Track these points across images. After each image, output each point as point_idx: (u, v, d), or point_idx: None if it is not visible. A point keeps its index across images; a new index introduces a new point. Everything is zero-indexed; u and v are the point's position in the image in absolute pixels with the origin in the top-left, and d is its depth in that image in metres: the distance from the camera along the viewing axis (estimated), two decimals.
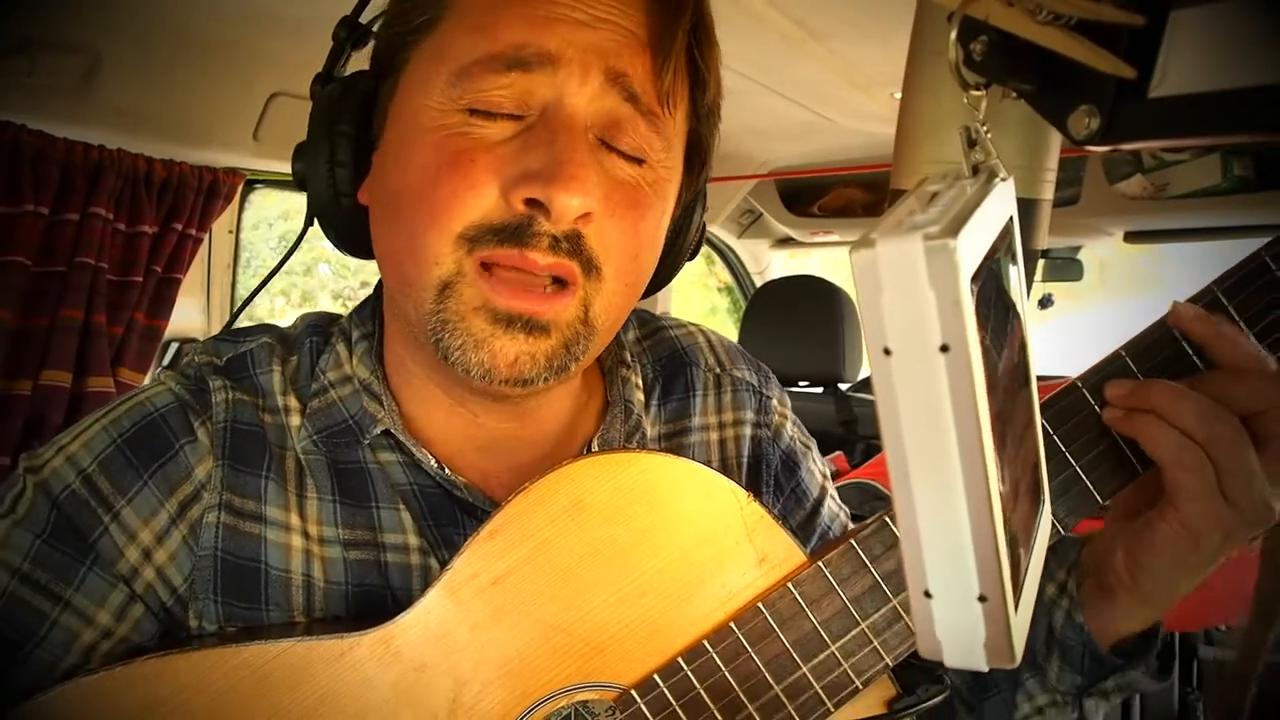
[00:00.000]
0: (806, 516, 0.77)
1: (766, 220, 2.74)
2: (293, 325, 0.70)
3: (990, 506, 0.27)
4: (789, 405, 0.80)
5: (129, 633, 0.58)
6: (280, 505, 0.61)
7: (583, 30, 0.56)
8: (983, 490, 0.27)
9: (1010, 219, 0.36)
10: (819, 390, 2.40)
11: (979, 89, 0.40)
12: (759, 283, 2.93)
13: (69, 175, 1.42)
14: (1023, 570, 0.36)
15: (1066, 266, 2.45)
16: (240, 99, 1.55)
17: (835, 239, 2.71)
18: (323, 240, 0.67)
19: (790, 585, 0.59)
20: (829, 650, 0.59)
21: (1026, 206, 0.55)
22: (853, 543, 0.59)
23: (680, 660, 0.58)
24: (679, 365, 0.76)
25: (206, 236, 1.72)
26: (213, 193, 1.64)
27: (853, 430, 2.31)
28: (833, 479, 0.83)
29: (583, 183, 0.54)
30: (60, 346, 1.46)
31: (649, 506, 0.58)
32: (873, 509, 0.70)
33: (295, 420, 0.64)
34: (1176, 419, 0.53)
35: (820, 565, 0.59)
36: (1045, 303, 2.45)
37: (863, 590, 0.59)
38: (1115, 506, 0.59)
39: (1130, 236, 2.27)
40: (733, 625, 0.59)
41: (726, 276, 3.08)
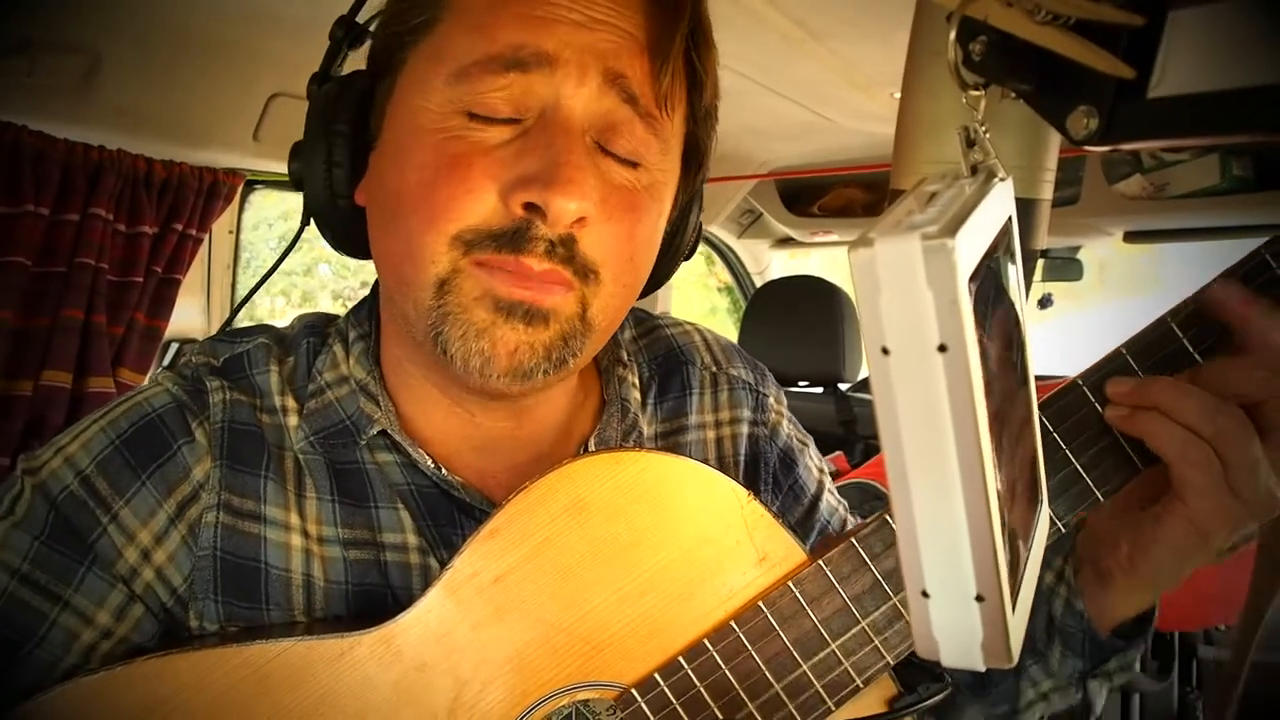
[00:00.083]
0: (805, 512, 0.77)
1: (766, 220, 2.74)
2: (289, 326, 0.70)
3: (988, 506, 0.27)
4: (785, 402, 0.80)
5: (129, 633, 0.58)
6: (279, 505, 0.61)
7: (580, 31, 0.56)
8: (980, 490, 0.27)
9: (1009, 219, 0.36)
10: (819, 390, 2.40)
11: (978, 89, 0.40)
12: (759, 283, 2.93)
13: (69, 176, 1.42)
14: (1020, 570, 0.36)
15: (1066, 266, 2.45)
16: (240, 99, 1.55)
17: (835, 239, 2.71)
18: (322, 240, 0.67)
19: (790, 584, 0.59)
20: (829, 649, 0.59)
21: (1025, 206, 0.55)
22: (853, 541, 0.59)
23: (681, 659, 0.58)
24: (675, 364, 0.76)
25: (206, 237, 1.72)
26: (213, 193, 1.64)
27: (852, 430, 2.31)
28: (832, 479, 0.83)
29: (579, 186, 0.54)
30: (61, 347, 1.46)
31: (649, 505, 0.59)
32: (873, 509, 0.69)
33: (293, 420, 0.64)
34: (1181, 415, 0.53)
35: (820, 564, 0.59)
36: (1045, 303, 2.44)
37: (863, 588, 0.59)
38: (1117, 498, 0.59)
39: (1130, 236, 2.27)
40: (733, 624, 0.59)
41: (726, 276, 3.08)
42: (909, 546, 0.28)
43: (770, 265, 3.03)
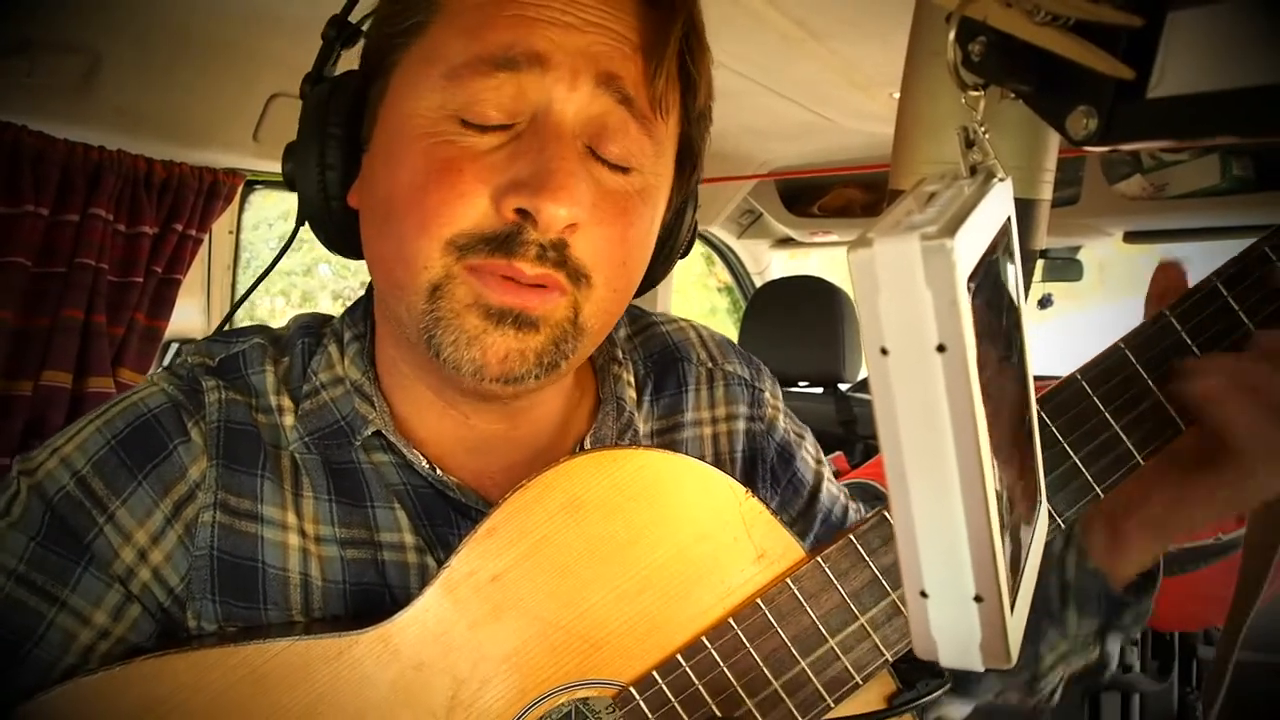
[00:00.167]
0: (806, 504, 0.77)
1: (766, 220, 2.74)
2: (285, 326, 0.70)
3: (987, 506, 0.27)
4: (780, 396, 0.80)
5: (126, 633, 0.58)
6: (276, 504, 0.61)
7: (572, 34, 0.55)
8: (979, 490, 0.27)
9: (1008, 219, 0.36)
10: (819, 390, 2.40)
11: (977, 89, 0.40)
12: (759, 283, 2.93)
13: (69, 176, 1.42)
14: (1020, 570, 0.36)
15: (1066, 266, 2.45)
16: (240, 100, 1.55)
17: (835, 239, 2.71)
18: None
19: (789, 581, 0.59)
20: (828, 645, 0.59)
21: (1025, 207, 0.55)
22: (851, 538, 0.59)
23: (679, 657, 0.58)
24: (671, 361, 0.76)
25: (207, 237, 1.72)
26: (213, 193, 1.64)
27: (852, 430, 2.31)
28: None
29: (570, 192, 0.54)
30: (61, 347, 1.46)
31: (647, 503, 0.59)
32: (872, 509, 0.70)
33: (289, 420, 0.64)
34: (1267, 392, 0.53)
35: (819, 560, 0.59)
36: (1045, 303, 2.45)
37: (861, 585, 0.59)
38: (1152, 464, 0.59)
39: (1129, 237, 2.28)
40: (731, 621, 0.59)
41: (726, 276, 3.08)
42: (908, 546, 0.28)
43: (770, 265, 3.03)
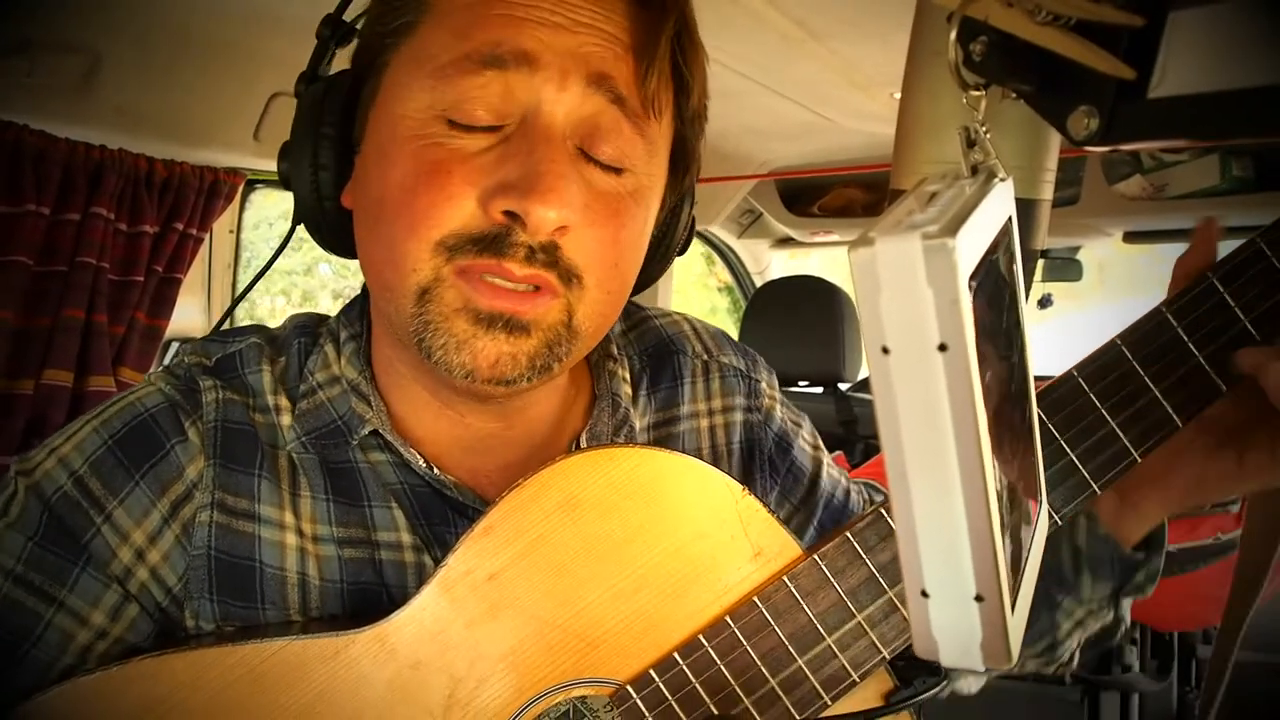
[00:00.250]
0: (806, 491, 0.77)
1: (766, 220, 2.74)
2: (281, 326, 0.70)
3: (988, 506, 0.27)
4: (777, 385, 0.80)
5: (124, 633, 0.58)
6: (274, 503, 0.61)
7: (562, 34, 0.55)
8: (980, 490, 0.27)
9: (1009, 219, 0.36)
10: (819, 390, 2.40)
11: (978, 89, 0.40)
12: (759, 283, 2.93)
13: (70, 175, 1.42)
14: (1020, 570, 0.36)
15: (1066, 266, 2.45)
16: (241, 99, 1.55)
17: (835, 239, 2.71)
18: None
19: (786, 579, 0.59)
20: (825, 643, 0.59)
21: (1026, 207, 0.55)
22: (848, 535, 0.59)
23: (676, 655, 0.58)
24: (666, 354, 0.76)
25: (207, 236, 1.72)
26: (214, 193, 1.64)
27: (853, 430, 2.31)
28: None
29: (560, 194, 0.53)
30: (62, 346, 1.46)
31: (643, 501, 0.59)
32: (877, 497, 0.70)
33: (286, 420, 0.63)
34: None
35: (816, 558, 0.59)
36: (1045, 303, 2.45)
37: (858, 582, 0.59)
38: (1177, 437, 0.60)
39: (1129, 237, 2.28)
40: (728, 619, 0.59)
41: (726, 276, 3.08)
42: (908, 546, 0.28)
43: (770, 265, 3.03)
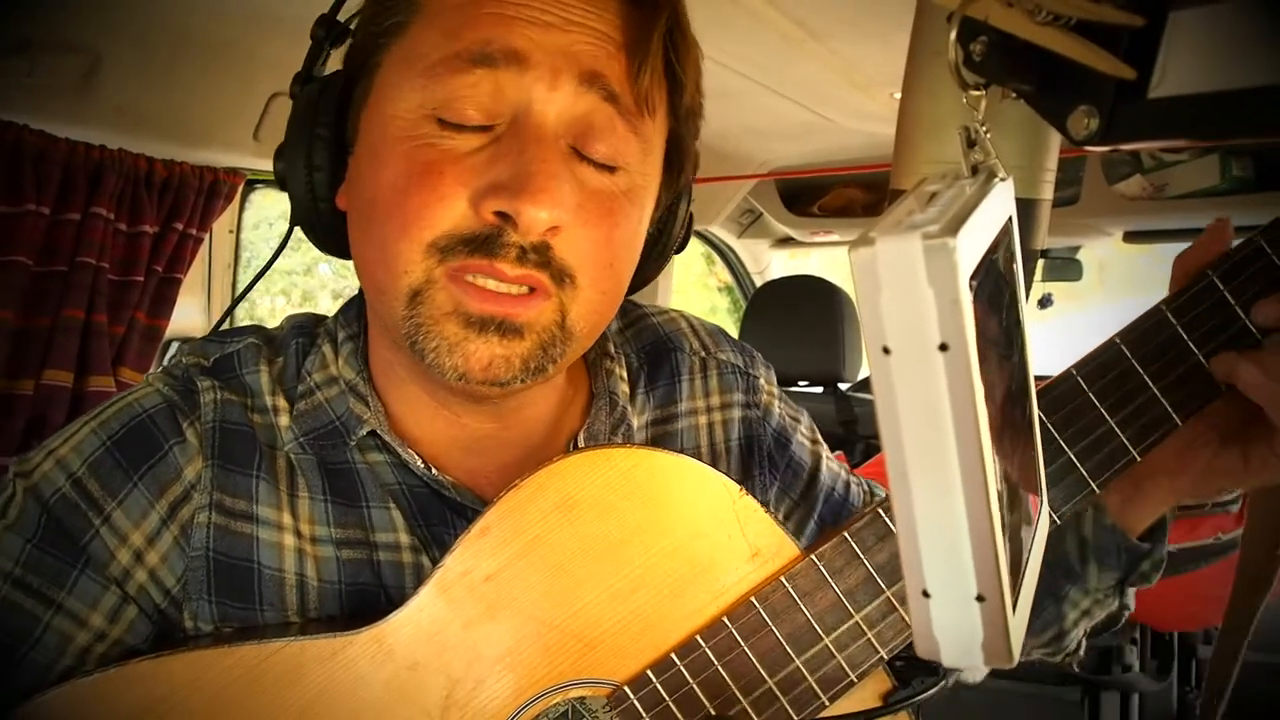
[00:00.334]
0: (806, 485, 0.77)
1: (766, 220, 2.74)
2: (279, 326, 0.70)
3: (989, 506, 0.27)
4: (775, 381, 0.80)
5: (123, 635, 0.58)
6: (272, 504, 0.61)
7: (552, 33, 0.55)
8: (981, 489, 0.27)
9: (1009, 219, 0.36)
10: (819, 390, 2.40)
11: (978, 89, 0.40)
12: (759, 283, 2.93)
13: (70, 175, 1.42)
14: (1021, 570, 0.36)
15: (1066, 266, 2.45)
16: (241, 99, 1.55)
17: (835, 239, 2.71)
18: None
19: (783, 579, 0.59)
20: (822, 643, 0.59)
21: (1026, 206, 0.55)
22: (845, 535, 0.59)
23: (673, 656, 0.58)
24: (663, 351, 0.76)
25: (207, 236, 1.72)
26: (213, 193, 1.64)
27: (853, 430, 2.31)
28: None
29: (552, 194, 0.53)
30: (62, 346, 1.46)
31: (640, 502, 0.58)
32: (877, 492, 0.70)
33: (284, 420, 0.63)
34: None
35: (813, 558, 0.59)
36: (1045, 303, 2.45)
37: (856, 583, 0.59)
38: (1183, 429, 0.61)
39: (1129, 236, 2.28)
40: (725, 620, 0.59)
41: (726, 276, 3.08)
42: (910, 546, 0.28)
43: (770, 265, 3.03)
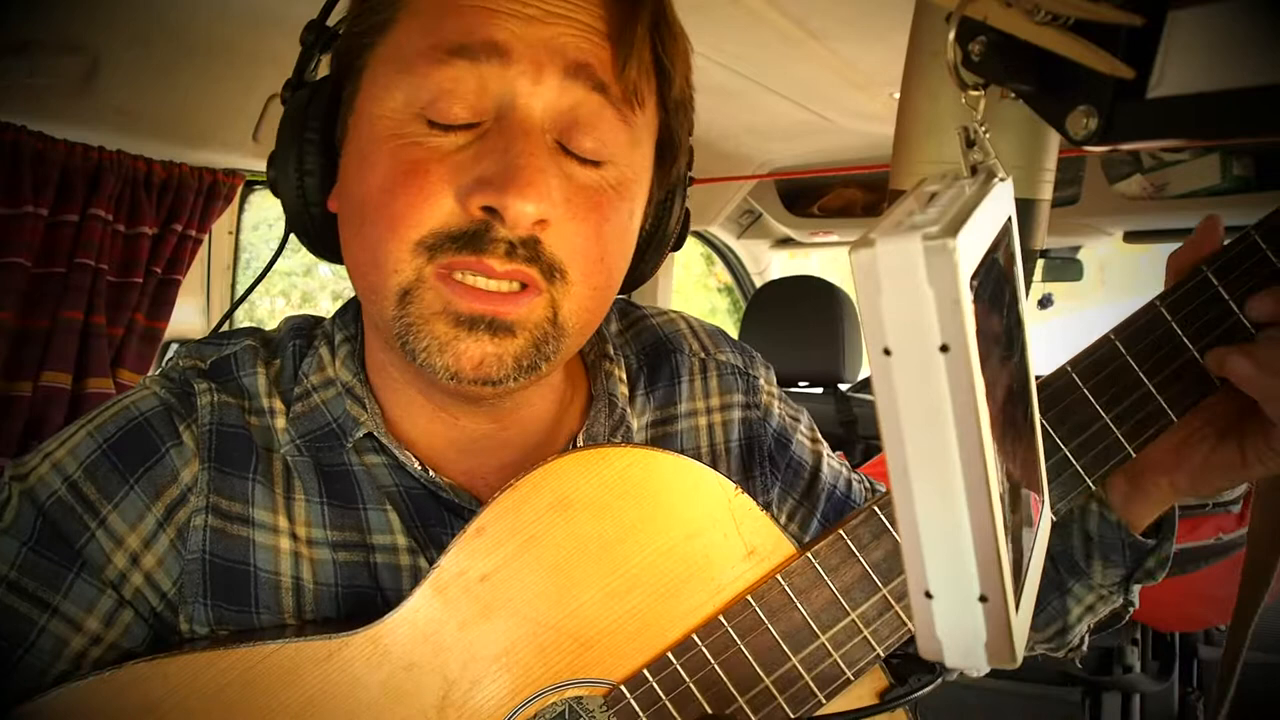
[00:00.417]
0: (808, 484, 0.77)
1: (766, 220, 2.74)
2: (276, 328, 0.70)
3: (991, 506, 0.27)
4: (775, 381, 0.80)
5: (119, 638, 0.58)
6: (268, 507, 0.61)
7: (534, 25, 0.54)
8: (983, 490, 0.27)
9: (1009, 219, 0.36)
10: (819, 390, 2.41)
11: (977, 89, 0.40)
12: (759, 283, 2.93)
13: (69, 176, 1.42)
14: (1023, 570, 0.36)
15: (1066, 266, 2.45)
16: (240, 100, 1.55)
17: (835, 239, 2.71)
18: None
19: (779, 577, 0.59)
20: (819, 641, 0.59)
21: (1025, 206, 0.55)
22: (841, 532, 0.59)
23: (669, 655, 0.58)
24: (663, 352, 0.76)
25: (206, 238, 1.72)
26: (212, 194, 1.64)
27: (853, 430, 2.31)
28: None
29: (538, 188, 0.53)
30: (60, 348, 1.46)
31: (636, 501, 0.58)
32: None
33: (280, 422, 0.63)
34: None
35: (809, 556, 0.59)
36: (1045, 303, 2.45)
37: (852, 580, 0.59)
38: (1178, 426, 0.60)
39: (1130, 236, 2.28)
40: (721, 618, 0.59)
41: (726, 276, 3.08)
42: (912, 547, 0.28)
43: (770, 265, 3.03)
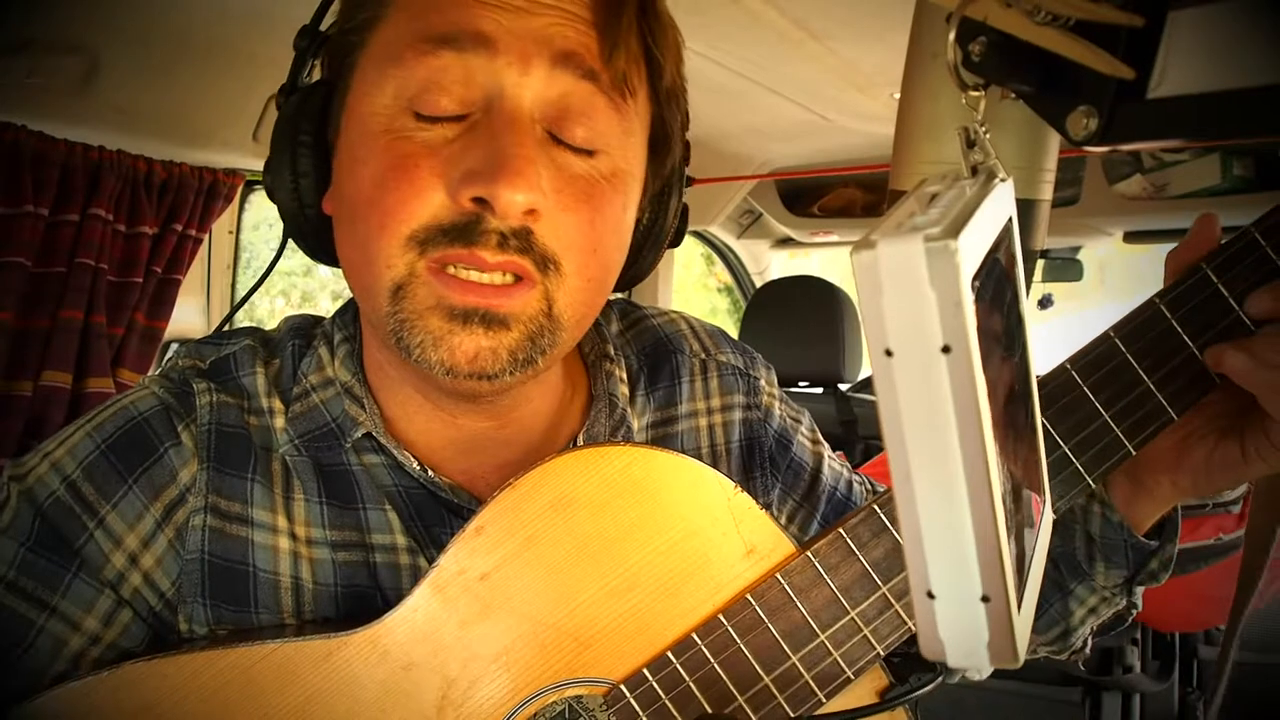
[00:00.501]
0: (809, 485, 0.77)
1: (766, 220, 2.74)
2: (275, 328, 0.70)
3: (993, 506, 0.27)
4: (775, 382, 0.80)
5: (117, 638, 0.58)
6: (267, 507, 0.61)
7: (521, 16, 0.54)
8: (985, 490, 0.27)
9: (1010, 219, 0.36)
10: (819, 390, 2.41)
11: (977, 90, 0.40)
12: (759, 283, 2.93)
13: (69, 176, 1.42)
14: (1025, 570, 0.36)
15: (1066, 266, 2.45)
16: (240, 100, 1.55)
17: (835, 239, 2.71)
18: None
19: (779, 576, 0.59)
20: (819, 640, 0.59)
21: (1026, 207, 0.55)
22: (840, 531, 0.59)
23: (669, 654, 0.58)
24: (664, 353, 0.76)
25: (206, 237, 1.72)
26: (212, 193, 1.64)
27: (853, 430, 2.31)
28: None
29: (527, 178, 0.53)
30: (60, 347, 1.46)
31: (635, 500, 0.58)
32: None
33: (280, 422, 0.63)
34: None
35: (809, 555, 0.59)
36: (1045, 303, 2.44)
37: (852, 579, 0.59)
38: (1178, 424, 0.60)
39: (1130, 237, 2.27)
40: (721, 617, 0.59)
41: (726, 276, 3.08)
42: (914, 548, 0.28)
43: (770, 265, 3.03)
